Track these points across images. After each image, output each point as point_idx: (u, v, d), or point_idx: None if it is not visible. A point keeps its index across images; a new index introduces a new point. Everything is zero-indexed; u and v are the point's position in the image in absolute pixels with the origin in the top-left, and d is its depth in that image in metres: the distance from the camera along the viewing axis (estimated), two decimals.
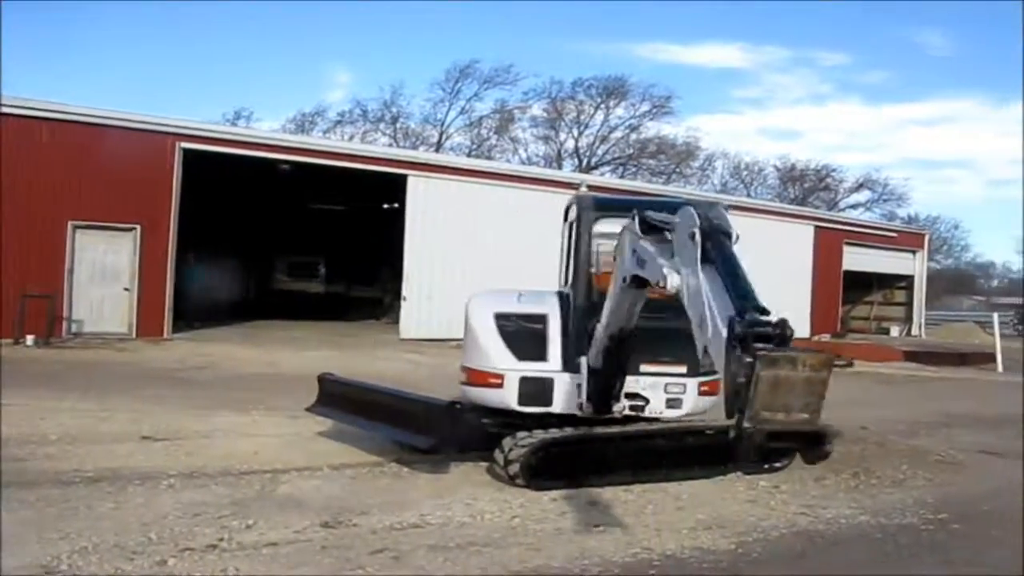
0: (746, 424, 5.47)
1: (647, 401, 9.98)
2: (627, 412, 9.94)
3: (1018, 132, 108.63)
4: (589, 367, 9.67)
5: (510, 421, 9.77)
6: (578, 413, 9.82)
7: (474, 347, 10.41)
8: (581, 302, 10.07)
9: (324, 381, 11.53)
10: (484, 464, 9.73)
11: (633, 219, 7.91)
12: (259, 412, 13.06)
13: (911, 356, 30.93)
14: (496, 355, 10.12)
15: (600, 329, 9.20)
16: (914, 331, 43.65)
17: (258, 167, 27.29)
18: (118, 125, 23.37)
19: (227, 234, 32.89)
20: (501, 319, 10.25)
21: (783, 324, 5.80)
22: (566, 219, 10.97)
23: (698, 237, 6.60)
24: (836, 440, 11.78)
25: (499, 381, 10.04)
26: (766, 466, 10.35)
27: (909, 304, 43.95)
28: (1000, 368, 28.72)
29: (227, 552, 6.67)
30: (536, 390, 9.93)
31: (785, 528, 8.24)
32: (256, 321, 30.04)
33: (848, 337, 38.44)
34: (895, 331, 42.91)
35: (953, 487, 10.42)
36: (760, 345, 5.58)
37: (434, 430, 9.45)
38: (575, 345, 9.94)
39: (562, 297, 10.44)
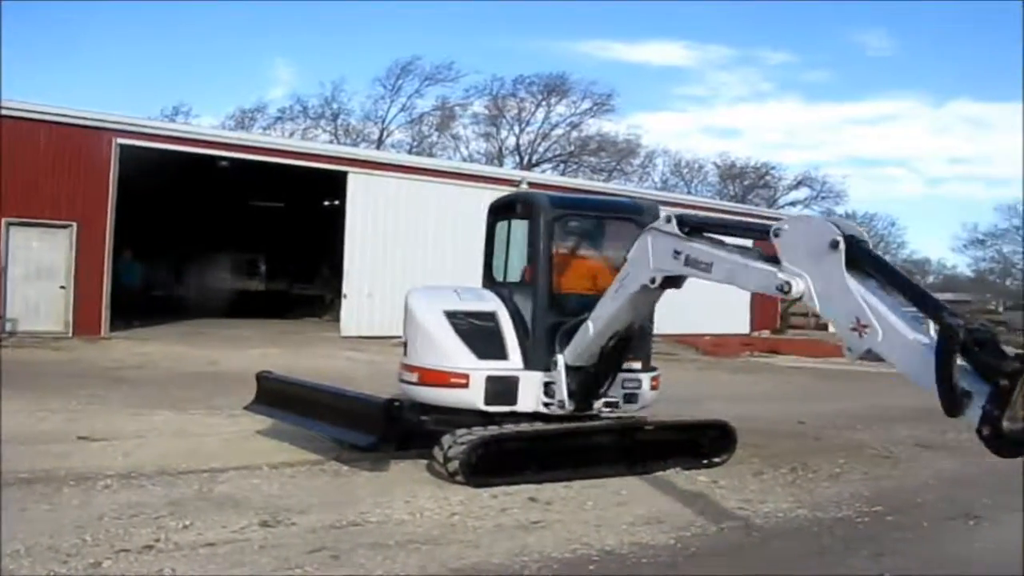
0: (1006, 423, 5.49)
1: (617, 397, 10.21)
2: (603, 409, 10.14)
3: (955, 131, 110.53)
4: (568, 365, 9.77)
5: (449, 419, 9.77)
6: (558, 412, 9.89)
7: (428, 346, 10.28)
8: (544, 301, 10.13)
9: (263, 379, 11.46)
10: (424, 462, 9.71)
11: (669, 220, 8.34)
12: (198, 411, 12.96)
13: None
14: (458, 354, 10.07)
15: (593, 328, 9.38)
16: None
17: (197, 163, 27.04)
18: (53, 121, 23.03)
19: (166, 231, 32.57)
20: (452, 317, 10.21)
21: (992, 329, 6.03)
22: (496, 217, 11.14)
23: (842, 245, 6.70)
24: (773, 437, 11.95)
25: (464, 381, 9.97)
26: (705, 462, 10.46)
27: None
28: None
29: (163, 553, 6.61)
30: (502, 389, 9.97)
31: (724, 522, 8.33)
32: (196, 319, 29.75)
33: (787, 333, 38.86)
34: (833, 327, 43.38)
35: (888, 480, 10.59)
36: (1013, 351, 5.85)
37: (373, 428, 9.43)
38: (543, 343, 10.01)
39: (503, 294, 10.45)
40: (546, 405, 9.96)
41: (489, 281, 11.02)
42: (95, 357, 19.72)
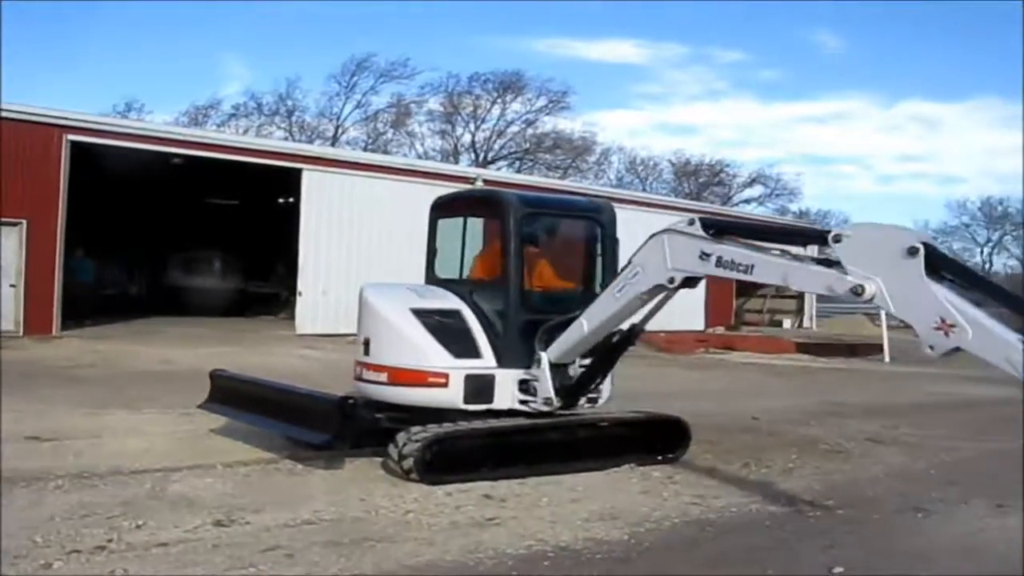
0: None
1: (597, 393, 10.50)
2: (584, 404, 10.40)
3: (906, 129, 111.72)
4: (551, 363, 9.95)
5: (403, 416, 9.76)
6: (542, 408, 10.00)
7: (399, 345, 10.15)
8: (517, 298, 10.21)
9: (216, 377, 11.41)
10: (379, 460, 9.70)
11: (692, 223, 8.79)
12: (151, 410, 12.88)
13: (803, 348, 31.59)
14: (434, 354, 10.02)
15: (589, 326, 9.58)
16: (805, 323, 44.53)
17: (150, 160, 26.74)
18: (2, 117, 22.67)
19: (118, 229, 32.28)
20: (420, 315, 10.14)
21: None
22: (442, 213, 11.25)
23: (922, 251, 7.18)
24: (727, 432, 12.07)
25: (443, 380, 9.96)
26: (659, 457, 10.53)
27: (801, 297, 44.70)
28: (887, 358, 29.50)
29: (115, 553, 6.56)
30: (480, 388, 10.01)
31: (678, 518, 8.38)
32: (149, 317, 29.51)
33: (741, 329, 39.11)
34: (787, 323, 43.73)
35: (840, 474, 10.71)
36: None
37: (327, 426, 9.41)
38: (516, 341, 10.12)
39: (459, 292, 10.45)
40: (523, 403, 10.05)
41: (433, 278, 11.07)
42: (46, 356, 19.51)
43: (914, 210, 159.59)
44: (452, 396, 9.95)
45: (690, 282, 8.93)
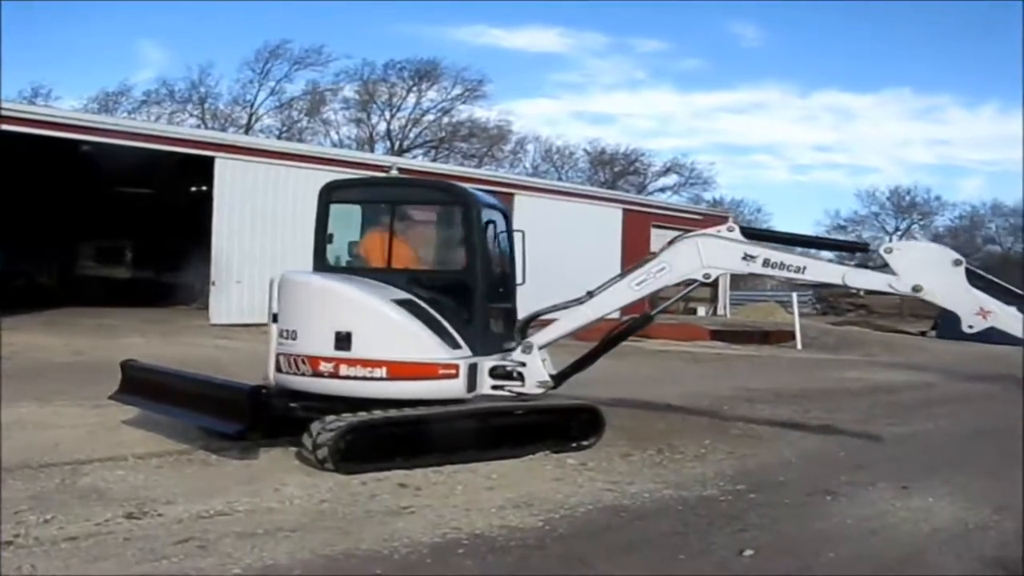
0: None
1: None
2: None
3: (820, 120, 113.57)
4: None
5: (316, 405, 9.72)
6: (535, 391, 10.63)
7: (400, 338, 10.03)
8: (484, 289, 10.48)
9: (128, 368, 11.25)
10: (294, 449, 9.66)
11: (732, 230, 10.68)
12: (62, 402, 12.65)
13: (717, 335, 32.02)
14: (436, 346, 10.12)
15: (596, 315, 10.81)
16: (720, 311, 44.98)
17: (58, 148, 26.30)
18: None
19: (27, 218, 31.65)
20: (404, 306, 10.10)
21: None
22: (332, 198, 11.04)
23: (964, 264, 10.14)
24: (641, 419, 12.20)
25: (454, 372, 10.12)
26: (574, 445, 10.61)
27: (715, 285, 45.18)
28: (799, 345, 30.03)
29: (23, 548, 6.48)
30: (474, 376, 10.30)
31: (591, 504, 8.48)
32: (60, 308, 28.96)
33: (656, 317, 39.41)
34: (702, 311, 44.10)
35: (751, 459, 10.89)
36: None
37: (240, 415, 9.33)
38: (483, 329, 10.51)
39: (391, 281, 10.40)
40: (496, 387, 10.49)
41: (323, 265, 10.84)
42: None
43: (826, 199, 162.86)
44: (460, 386, 10.15)
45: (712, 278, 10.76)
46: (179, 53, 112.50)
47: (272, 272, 10.96)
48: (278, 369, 10.13)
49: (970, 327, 9.99)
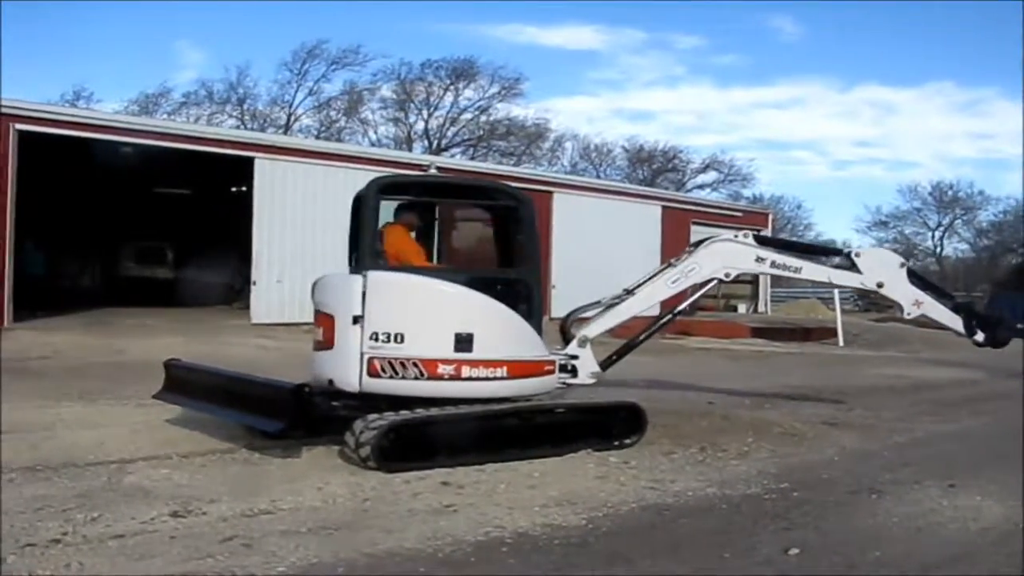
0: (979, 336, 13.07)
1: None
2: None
3: (861, 115, 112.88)
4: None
5: (360, 404, 9.71)
6: (586, 383, 11.22)
7: (517, 337, 10.27)
8: (537, 285, 10.66)
9: (171, 367, 11.33)
10: (336, 448, 9.68)
11: (747, 236, 12.27)
12: (106, 402, 12.80)
13: (758, 332, 31.85)
14: (541, 343, 10.54)
15: (639, 308, 11.51)
16: (760, 308, 44.81)
17: (100, 150, 26.54)
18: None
19: (69, 219, 31.96)
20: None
21: (968, 302, 13.96)
22: (380, 198, 10.44)
23: (907, 266, 12.94)
24: (683, 417, 12.16)
25: (552, 367, 10.64)
26: (616, 443, 10.58)
27: (755, 282, 44.99)
28: (841, 342, 29.77)
29: (71, 546, 6.51)
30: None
31: (634, 502, 8.41)
32: (102, 309, 29.23)
33: (696, 315, 39.24)
34: (742, 308, 43.96)
35: (795, 457, 10.78)
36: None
37: (282, 414, 9.36)
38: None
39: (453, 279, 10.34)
40: (591, 376, 11.27)
41: (375, 263, 10.19)
42: None
43: (866, 195, 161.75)
44: (554, 381, 10.70)
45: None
46: (217, 54, 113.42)
47: (313, 271, 11.01)
48: (370, 374, 9.74)
49: (908, 314, 12.75)
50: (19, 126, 23.26)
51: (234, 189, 33.59)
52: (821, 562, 6.94)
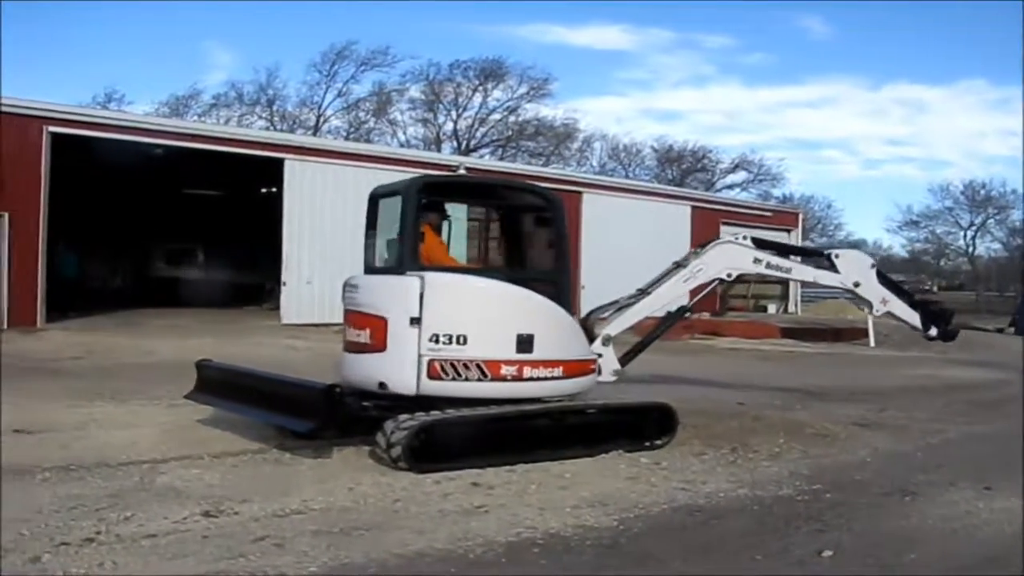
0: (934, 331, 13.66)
1: None
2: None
3: (891, 113, 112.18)
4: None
5: (394, 404, 9.71)
6: (611, 380, 11.23)
7: (571, 337, 10.54)
8: (568, 285, 10.75)
9: (202, 368, 11.37)
10: (367, 448, 9.69)
11: (746, 239, 12.60)
12: (137, 402, 12.85)
13: (788, 333, 31.66)
14: (586, 342, 10.87)
15: (656, 306, 11.77)
16: (790, 308, 44.61)
17: (131, 151, 26.70)
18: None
19: (101, 220, 32.17)
20: None
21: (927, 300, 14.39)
22: (406, 203, 10.15)
23: (876, 267, 13.37)
24: (714, 418, 12.12)
25: (596, 366, 10.87)
26: (647, 444, 10.55)
27: (785, 282, 44.76)
28: (872, 343, 29.53)
29: (104, 545, 6.54)
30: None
31: (666, 503, 8.39)
32: (133, 309, 29.43)
33: (727, 315, 39.16)
34: (772, 308, 43.79)
35: (827, 458, 10.72)
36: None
37: (314, 414, 9.36)
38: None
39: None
40: (615, 374, 11.33)
41: (415, 264, 10.00)
42: (31, 349, 19.47)
43: (897, 194, 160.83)
44: (595, 379, 10.82)
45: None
46: (247, 56, 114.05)
47: (342, 272, 11.02)
48: (430, 376, 9.66)
49: (876, 311, 13.51)
50: (52, 128, 23.48)
51: (264, 190, 33.76)
52: (854, 564, 6.89)
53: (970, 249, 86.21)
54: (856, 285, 13.03)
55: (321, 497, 8.06)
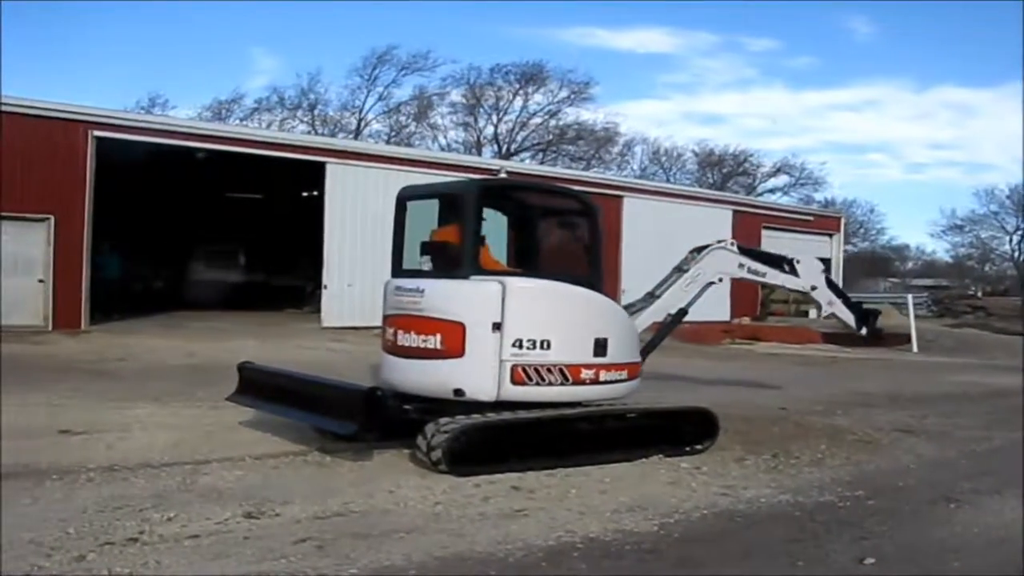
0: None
1: None
2: None
3: (937, 116, 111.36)
4: None
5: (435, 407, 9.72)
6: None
7: (635, 341, 10.95)
8: (602, 290, 10.62)
9: (244, 370, 11.43)
10: (407, 451, 9.71)
11: (733, 244, 13.03)
12: (180, 403, 12.94)
13: (829, 338, 31.23)
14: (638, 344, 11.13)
15: (665, 309, 11.95)
16: None
17: (174, 155, 26.94)
18: (28, 114, 22.86)
19: (144, 224, 32.42)
20: None
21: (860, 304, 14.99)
22: (465, 206, 10.15)
23: (826, 273, 14.13)
24: (755, 423, 12.06)
25: (641, 368, 11.06)
26: (687, 448, 10.52)
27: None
28: (915, 348, 29.27)
29: (148, 545, 6.60)
30: None
31: (706, 509, 8.37)
32: (175, 311, 29.63)
33: (768, 320, 38.95)
34: (813, 313, 43.34)
35: (869, 465, 10.65)
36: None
37: (355, 416, 9.38)
38: None
39: None
40: None
41: (476, 270, 10.01)
42: (75, 350, 19.65)
43: (942, 198, 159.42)
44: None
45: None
46: (289, 60, 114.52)
47: (383, 275, 11.08)
48: (514, 381, 9.66)
49: (824, 312, 14.72)
50: (97, 132, 23.66)
51: (305, 194, 33.90)
52: (898, 572, 6.85)
53: (1016, 254, 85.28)
54: (812, 288, 13.81)
55: (362, 499, 8.10)
